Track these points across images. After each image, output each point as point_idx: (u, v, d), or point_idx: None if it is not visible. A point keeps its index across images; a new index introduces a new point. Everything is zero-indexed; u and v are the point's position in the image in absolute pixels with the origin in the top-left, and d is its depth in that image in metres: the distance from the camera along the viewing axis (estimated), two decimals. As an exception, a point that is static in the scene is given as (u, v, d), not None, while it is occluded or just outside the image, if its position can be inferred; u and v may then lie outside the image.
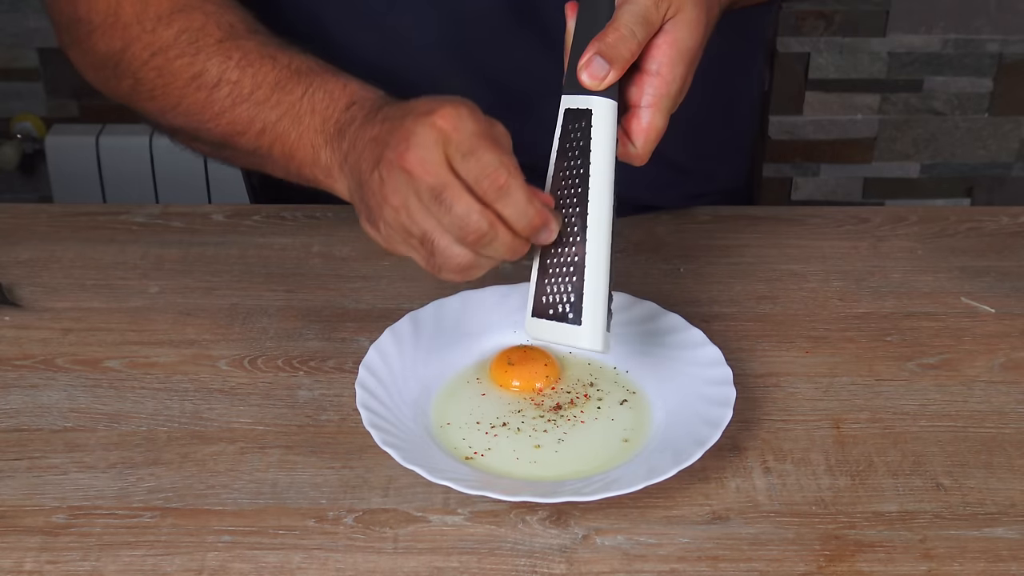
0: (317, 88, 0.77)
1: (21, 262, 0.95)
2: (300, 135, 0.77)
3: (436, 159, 0.66)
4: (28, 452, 0.74)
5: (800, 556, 0.67)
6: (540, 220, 0.69)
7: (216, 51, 0.81)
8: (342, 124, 0.75)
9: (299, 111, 0.77)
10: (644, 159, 0.73)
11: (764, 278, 0.93)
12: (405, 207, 0.68)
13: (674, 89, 0.72)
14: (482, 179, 0.67)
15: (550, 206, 0.70)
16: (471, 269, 0.70)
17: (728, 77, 1.06)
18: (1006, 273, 0.94)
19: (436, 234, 0.68)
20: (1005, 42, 2.10)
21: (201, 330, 0.86)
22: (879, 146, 2.20)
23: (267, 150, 0.80)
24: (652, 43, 0.72)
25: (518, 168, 0.68)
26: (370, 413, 0.73)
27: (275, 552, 0.67)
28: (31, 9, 2.13)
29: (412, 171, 0.67)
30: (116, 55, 0.85)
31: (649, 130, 0.72)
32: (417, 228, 0.69)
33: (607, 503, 0.69)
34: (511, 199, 0.67)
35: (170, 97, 0.84)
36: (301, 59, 0.80)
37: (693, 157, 1.06)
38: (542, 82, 0.81)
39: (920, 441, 0.76)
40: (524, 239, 0.69)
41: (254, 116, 0.79)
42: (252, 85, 0.80)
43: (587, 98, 0.71)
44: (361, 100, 0.76)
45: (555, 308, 0.71)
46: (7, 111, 2.22)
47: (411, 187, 0.67)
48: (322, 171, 0.77)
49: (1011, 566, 0.66)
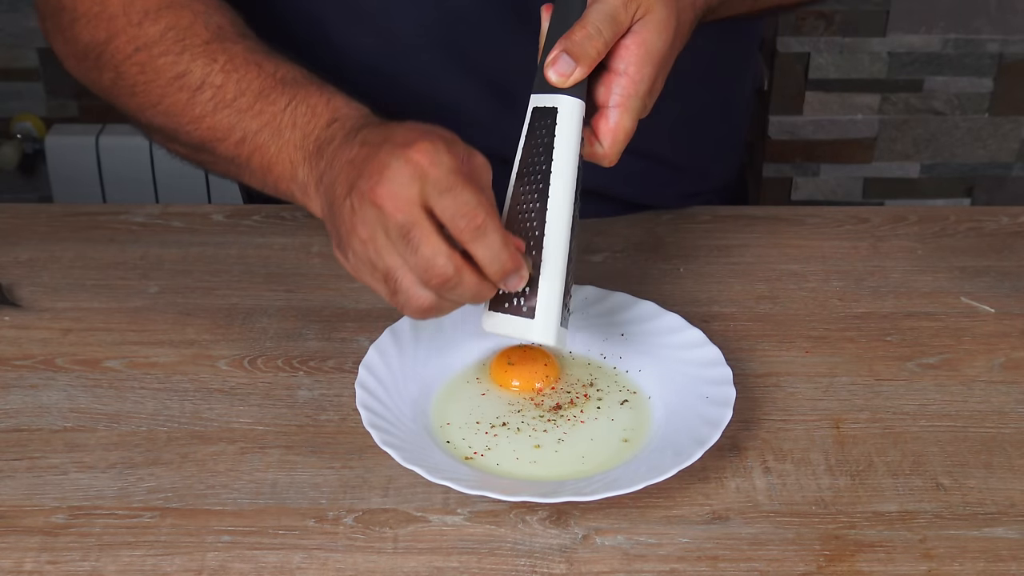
0: (300, 101, 0.76)
1: (21, 262, 0.95)
2: (279, 149, 0.76)
3: (408, 196, 0.65)
4: (28, 452, 0.74)
5: (800, 556, 0.67)
6: (512, 265, 0.68)
7: (202, 52, 0.80)
8: (321, 142, 0.74)
9: (280, 124, 0.76)
10: (613, 160, 0.73)
11: (764, 278, 0.93)
12: (372, 241, 0.67)
13: (642, 89, 0.71)
14: (458, 218, 0.66)
15: (522, 251, 0.69)
16: (432, 311, 0.69)
17: (723, 75, 1.06)
18: (1006, 273, 0.94)
19: (400, 273, 0.67)
20: (1005, 42, 2.10)
21: (201, 330, 0.86)
22: (879, 146, 2.20)
23: (245, 160, 0.79)
24: (620, 43, 0.71)
25: (495, 208, 0.67)
26: (370, 413, 0.73)
27: (275, 552, 0.67)
28: (31, 9, 2.11)
29: (382, 206, 0.66)
30: (99, 46, 0.84)
31: (616, 130, 0.71)
32: (382, 264, 0.68)
33: (607, 503, 0.69)
34: (486, 240, 0.66)
35: (151, 95, 0.83)
36: (287, 68, 0.79)
37: (688, 155, 1.06)
38: (528, 78, 0.81)
39: (920, 441, 0.76)
40: (491, 284, 0.68)
41: (235, 124, 0.78)
42: (236, 91, 0.79)
43: (554, 96, 0.71)
44: (343, 118, 0.75)
45: (510, 302, 0.71)
46: (7, 111, 2.22)
47: (380, 222, 0.66)
48: (299, 188, 0.76)
49: (1011, 566, 0.66)
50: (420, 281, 0.67)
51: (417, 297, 0.68)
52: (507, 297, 0.71)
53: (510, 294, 0.71)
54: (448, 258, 0.66)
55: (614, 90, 0.71)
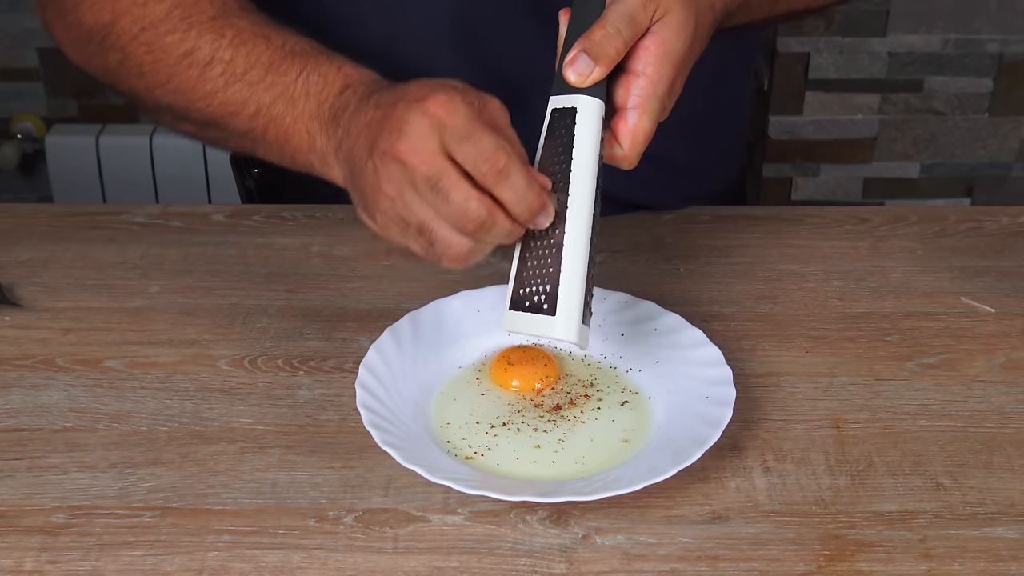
0: (311, 70, 0.77)
1: (21, 262, 0.95)
2: (295, 120, 0.77)
3: (430, 147, 0.66)
4: (28, 452, 0.74)
5: (800, 556, 0.67)
6: (539, 203, 0.68)
7: (209, 28, 0.80)
8: (336, 109, 0.74)
9: (293, 94, 0.77)
10: (633, 162, 0.72)
11: (764, 278, 0.93)
12: (401, 197, 0.68)
13: (661, 90, 0.71)
14: (480, 163, 0.66)
15: (547, 188, 0.70)
16: (471, 255, 0.69)
17: (725, 77, 1.06)
18: (1006, 273, 0.94)
19: (434, 224, 0.68)
20: (1005, 42, 2.10)
21: (201, 330, 0.86)
22: (879, 146, 2.20)
23: (260, 133, 0.79)
24: (639, 44, 0.71)
25: (517, 146, 0.68)
26: (370, 413, 0.73)
27: (275, 552, 0.67)
28: (31, 9, 2.13)
29: (406, 161, 0.66)
30: (104, 28, 0.84)
31: (636, 131, 0.71)
32: (414, 218, 0.68)
33: (607, 503, 0.69)
34: (511, 182, 0.67)
35: (160, 74, 0.82)
36: (295, 39, 0.79)
37: (692, 158, 1.06)
38: (546, 80, 0.81)
39: (920, 441, 0.76)
40: (522, 223, 0.69)
41: (247, 97, 0.79)
42: (246, 65, 0.79)
43: (573, 97, 0.71)
44: (355, 84, 0.75)
45: (531, 300, 0.71)
46: (7, 111, 2.22)
47: (406, 177, 0.67)
48: (318, 158, 0.76)
49: (1011, 566, 0.66)
50: (455, 228, 0.68)
51: (455, 244, 0.68)
52: (528, 296, 0.71)
53: (530, 293, 0.71)
54: (480, 201, 0.66)
55: (633, 91, 0.71)
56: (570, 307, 0.70)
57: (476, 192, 0.66)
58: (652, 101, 0.71)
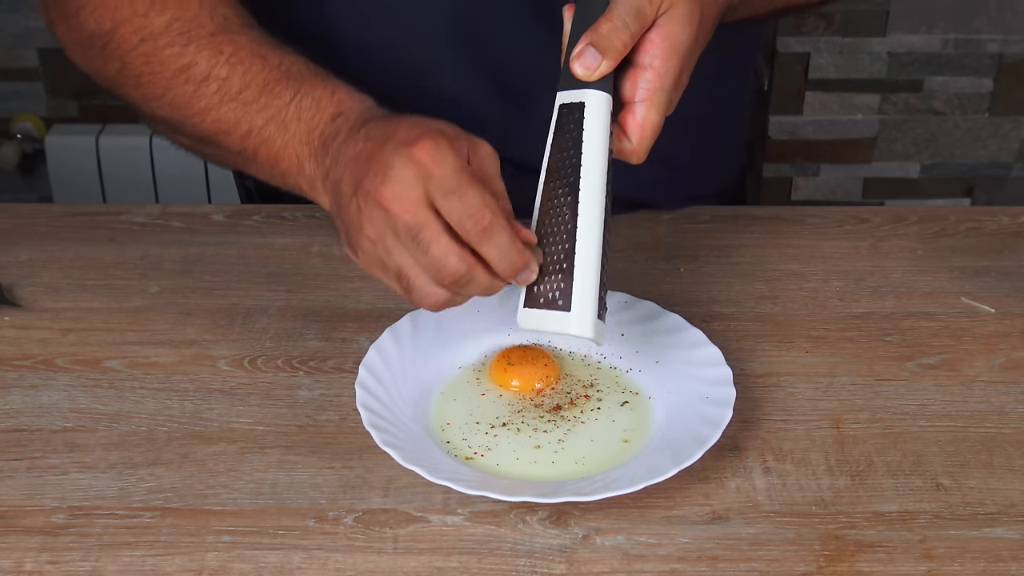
0: (305, 94, 0.76)
1: (21, 262, 0.95)
2: (285, 143, 0.77)
3: (414, 196, 0.65)
4: (28, 452, 0.74)
5: (800, 556, 0.67)
6: (522, 261, 0.68)
7: (207, 44, 0.80)
8: (326, 137, 0.74)
9: (285, 118, 0.77)
10: (642, 156, 0.72)
11: (764, 278, 0.93)
12: (382, 241, 0.68)
13: (668, 83, 0.71)
14: (465, 219, 0.66)
15: (532, 243, 0.70)
16: (447, 305, 0.70)
17: (726, 75, 1.06)
18: (1006, 273, 0.94)
19: (412, 272, 0.68)
20: (1005, 42, 2.10)
21: (201, 330, 0.86)
22: (879, 146, 2.20)
23: (252, 153, 0.79)
24: (645, 37, 0.71)
25: (504, 200, 0.68)
26: (370, 413, 0.73)
27: (275, 552, 0.67)
28: (31, 9, 2.13)
29: (389, 208, 0.66)
30: (104, 35, 0.84)
31: (644, 124, 0.71)
32: (393, 263, 0.68)
33: (607, 503, 0.69)
34: (495, 240, 0.67)
35: (156, 86, 0.82)
36: (291, 60, 0.79)
37: (695, 157, 1.06)
38: (547, 79, 0.81)
39: (920, 441, 0.76)
40: (503, 280, 0.69)
41: (240, 117, 0.79)
42: (241, 84, 0.79)
43: (581, 91, 0.71)
44: (347, 112, 0.75)
45: (545, 297, 0.71)
46: (7, 111, 2.22)
47: (388, 223, 0.67)
48: (306, 182, 0.76)
49: (1011, 566, 0.66)
50: (433, 280, 0.68)
51: (432, 295, 0.69)
52: (542, 292, 0.71)
53: (545, 289, 0.71)
54: (459, 258, 0.66)
55: (640, 84, 0.71)
56: (585, 302, 0.70)
57: (456, 247, 0.66)
58: (660, 94, 0.71)
